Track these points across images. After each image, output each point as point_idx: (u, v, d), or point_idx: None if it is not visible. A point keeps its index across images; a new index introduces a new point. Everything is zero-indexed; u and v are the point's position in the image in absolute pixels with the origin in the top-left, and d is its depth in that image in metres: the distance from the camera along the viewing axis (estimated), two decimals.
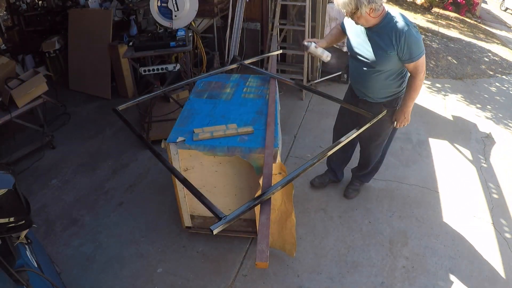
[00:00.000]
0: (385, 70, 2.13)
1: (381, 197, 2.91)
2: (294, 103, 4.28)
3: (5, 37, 4.60)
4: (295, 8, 4.30)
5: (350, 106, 2.35)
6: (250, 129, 2.11)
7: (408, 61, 2.02)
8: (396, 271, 2.33)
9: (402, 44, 1.95)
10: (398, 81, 2.22)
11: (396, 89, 2.26)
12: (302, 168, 1.69)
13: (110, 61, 4.29)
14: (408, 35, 1.93)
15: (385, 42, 1.99)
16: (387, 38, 1.98)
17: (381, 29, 2.00)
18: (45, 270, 1.70)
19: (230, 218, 1.41)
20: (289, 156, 3.39)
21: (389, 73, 2.15)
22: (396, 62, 2.07)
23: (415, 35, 1.95)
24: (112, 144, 3.61)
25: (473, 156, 3.47)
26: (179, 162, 2.13)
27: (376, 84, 2.22)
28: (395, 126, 2.39)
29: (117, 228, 2.65)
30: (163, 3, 3.28)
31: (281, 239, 2.28)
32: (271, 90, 2.52)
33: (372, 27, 2.03)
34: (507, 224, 2.71)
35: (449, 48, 6.64)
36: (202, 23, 4.44)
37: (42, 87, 3.28)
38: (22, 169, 3.24)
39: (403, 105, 2.25)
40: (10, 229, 1.44)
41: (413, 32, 1.94)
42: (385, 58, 2.05)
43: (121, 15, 4.49)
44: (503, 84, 5.30)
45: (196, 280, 2.27)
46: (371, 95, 2.30)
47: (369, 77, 2.20)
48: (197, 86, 2.66)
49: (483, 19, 10.88)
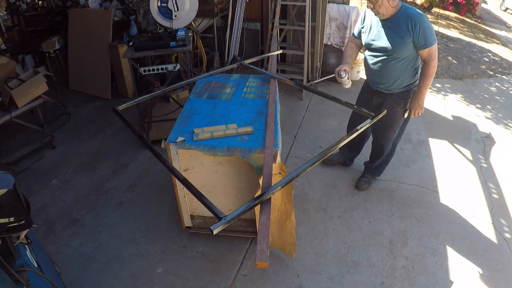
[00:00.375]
0: (401, 57, 2.30)
1: (381, 197, 2.91)
2: (294, 103, 4.28)
3: (5, 37, 4.61)
4: (295, 8, 4.30)
5: (351, 106, 2.37)
6: (250, 129, 2.11)
7: (423, 47, 2.22)
8: (396, 271, 2.33)
9: (418, 31, 2.16)
10: (412, 72, 2.39)
11: (410, 80, 2.41)
12: (302, 168, 1.69)
13: (110, 61, 4.29)
14: (422, 23, 2.15)
15: (402, 29, 2.20)
16: (404, 26, 2.19)
17: (397, 19, 2.22)
18: (45, 270, 1.70)
19: (230, 218, 1.41)
20: (289, 156, 3.39)
21: (404, 61, 2.32)
22: (412, 49, 2.26)
23: (428, 24, 2.18)
24: (112, 144, 3.61)
25: (473, 156, 3.47)
26: (179, 162, 2.13)
27: (392, 73, 2.38)
28: (409, 115, 2.53)
29: (117, 228, 2.65)
30: (163, 3, 3.29)
31: (281, 240, 2.28)
32: (271, 90, 2.52)
33: (389, 18, 2.25)
34: (507, 224, 2.71)
35: (449, 48, 6.64)
36: (202, 23, 4.44)
37: (42, 87, 3.28)
38: (22, 169, 3.24)
39: (418, 92, 2.41)
40: (10, 229, 1.44)
41: (426, 21, 2.17)
42: (402, 45, 2.24)
43: (121, 15, 4.49)
44: (503, 84, 5.30)
45: (196, 280, 2.27)
46: (386, 85, 2.46)
47: (386, 66, 2.37)
48: (197, 86, 2.66)
49: (483, 19, 10.88)
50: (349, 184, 3.04)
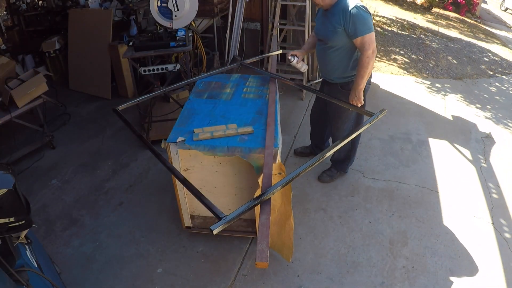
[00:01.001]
0: (337, 46, 2.41)
1: (381, 197, 2.91)
2: (294, 103, 4.28)
3: (5, 37, 4.61)
4: (295, 8, 4.30)
5: (351, 106, 2.43)
6: (250, 129, 2.11)
7: (354, 36, 2.29)
8: (396, 271, 2.33)
9: (348, 20, 2.25)
10: (352, 63, 2.46)
11: (351, 71, 2.49)
12: (302, 168, 1.69)
13: (110, 61, 4.29)
14: (353, 13, 2.23)
15: (335, 19, 2.31)
16: (337, 16, 2.30)
17: (334, 9, 2.33)
18: (45, 270, 1.70)
19: (230, 218, 1.41)
20: (289, 156, 3.39)
21: (341, 50, 2.41)
22: (345, 38, 2.34)
23: (362, 14, 2.23)
24: (112, 144, 3.61)
25: (473, 156, 3.47)
26: (179, 162, 2.13)
27: (331, 63, 2.51)
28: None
29: (117, 228, 2.65)
30: (163, 3, 3.29)
31: (280, 242, 2.27)
32: (271, 90, 2.52)
33: (329, 9, 2.37)
34: (507, 224, 2.71)
35: (449, 48, 6.65)
36: (202, 23, 4.44)
37: (42, 87, 3.28)
38: (22, 169, 3.24)
39: (354, 83, 2.43)
40: (10, 229, 1.44)
41: (359, 11, 2.23)
42: (335, 34, 2.35)
43: (121, 15, 4.49)
44: (503, 84, 5.30)
45: (196, 280, 2.27)
46: (328, 75, 2.60)
47: (326, 55, 2.50)
48: (197, 86, 2.66)
49: (483, 19, 10.88)
50: (349, 184, 3.04)
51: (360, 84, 2.38)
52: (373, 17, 8.26)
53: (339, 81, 2.55)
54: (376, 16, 8.37)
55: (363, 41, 2.27)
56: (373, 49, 2.27)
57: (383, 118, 3.12)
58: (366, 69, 2.32)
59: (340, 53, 2.43)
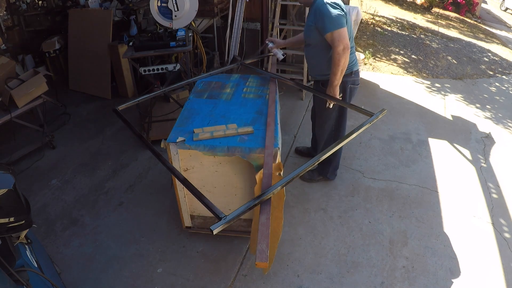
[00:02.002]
0: (313, 43, 2.47)
1: (381, 197, 2.91)
2: (294, 103, 4.28)
3: (5, 37, 4.60)
4: (295, 8, 4.30)
5: (351, 106, 2.38)
6: (250, 129, 2.11)
7: (324, 33, 2.31)
8: (396, 271, 2.33)
9: (318, 17, 2.30)
10: (327, 61, 2.44)
11: (327, 70, 2.46)
12: (302, 168, 1.69)
13: (110, 61, 4.29)
14: (322, 10, 2.26)
15: (310, 18, 2.40)
16: (312, 14, 2.38)
17: (312, 8, 2.40)
18: (45, 270, 1.70)
19: (230, 218, 1.41)
20: (289, 156, 3.39)
21: (317, 48, 2.45)
22: (318, 35, 2.37)
23: (330, 10, 2.25)
24: (112, 144, 3.61)
25: (473, 156, 3.47)
26: (179, 162, 2.13)
27: (311, 60, 2.59)
28: (327, 106, 2.55)
29: (117, 228, 2.65)
30: (163, 3, 3.29)
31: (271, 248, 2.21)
32: (271, 90, 2.52)
33: (310, 8, 2.43)
34: (507, 224, 2.71)
35: (449, 48, 6.65)
36: (202, 23, 4.44)
37: (42, 87, 3.28)
38: (22, 169, 3.24)
39: (329, 80, 2.44)
40: (10, 229, 1.45)
41: (327, 8, 2.25)
42: (310, 31, 2.42)
43: (121, 15, 4.49)
44: (503, 84, 5.30)
45: (196, 280, 2.27)
46: (311, 72, 2.69)
47: (308, 53, 2.59)
48: (197, 86, 2.66)
49: (483, 19, 10.88)
50: (349, 184, 3.04)
51: (334, 81, 2.37)
52: (373, 17, 8.26)
53: (320, 79, 2.59)
54: (376, 16, 8.38)
55: (332, 37, 2.26)
56: (344, 46, 2.25)
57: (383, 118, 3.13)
58: (338, 66, 2.31)
59: (316, 50, 2.47)
